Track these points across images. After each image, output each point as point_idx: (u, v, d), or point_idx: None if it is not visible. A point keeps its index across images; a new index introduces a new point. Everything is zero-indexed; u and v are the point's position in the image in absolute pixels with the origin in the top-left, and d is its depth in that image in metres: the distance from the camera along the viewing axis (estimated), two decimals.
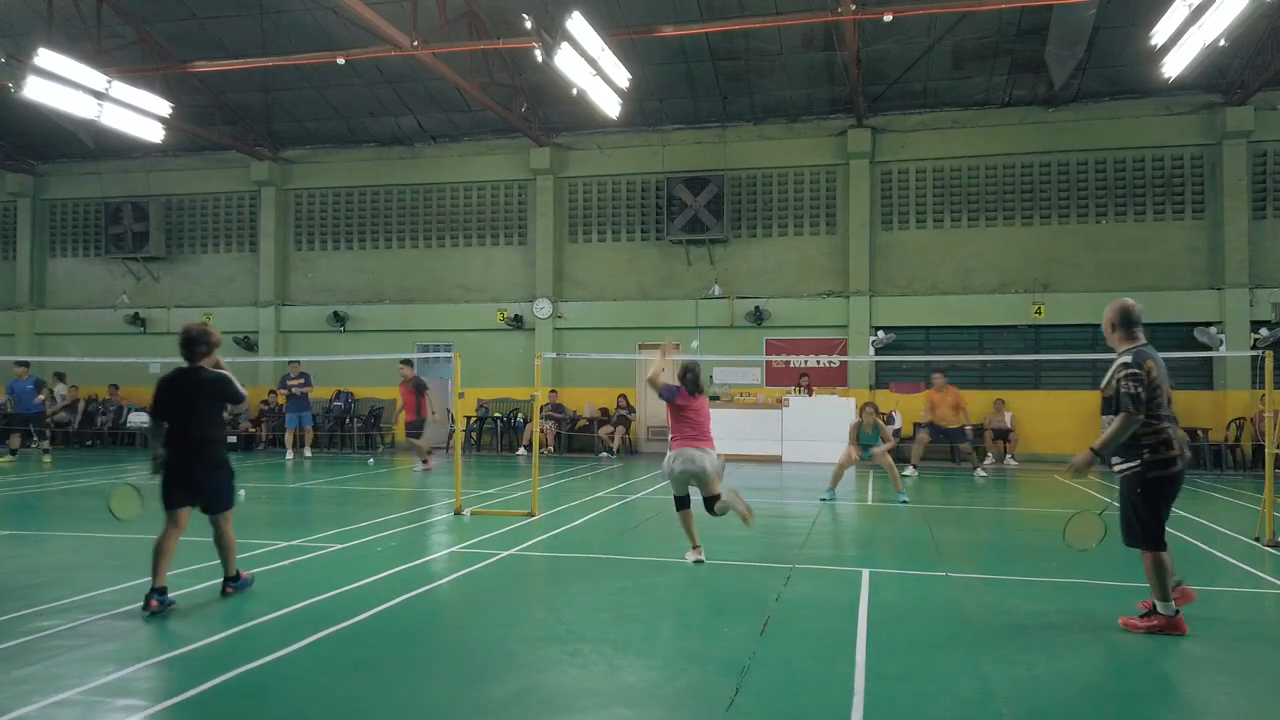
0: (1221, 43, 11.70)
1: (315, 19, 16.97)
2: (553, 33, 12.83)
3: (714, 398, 18.68)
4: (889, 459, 12.23)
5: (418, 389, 15.39)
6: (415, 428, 15.54)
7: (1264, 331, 16.40)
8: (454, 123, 20.37)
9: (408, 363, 16.10)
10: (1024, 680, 4.46)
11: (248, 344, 21.42)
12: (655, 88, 18.36)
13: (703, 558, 7.30)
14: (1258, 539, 8.50)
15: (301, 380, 17.87)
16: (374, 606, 5.75)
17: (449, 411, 18.00)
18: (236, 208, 22.26)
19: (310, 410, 18.26)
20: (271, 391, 20.41)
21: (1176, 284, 17.38)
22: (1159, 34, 12.51)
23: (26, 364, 17.24)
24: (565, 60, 13.08)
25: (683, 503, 7.47)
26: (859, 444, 12.44)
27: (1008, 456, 17.14)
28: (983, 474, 14.85)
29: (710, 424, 7.46)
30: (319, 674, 4.49)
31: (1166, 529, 5.27)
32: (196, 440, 5.89)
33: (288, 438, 18.06)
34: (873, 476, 14.56)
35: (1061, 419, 17.56)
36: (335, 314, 20.92)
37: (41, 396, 16.82)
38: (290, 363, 18.31)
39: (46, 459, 16.55)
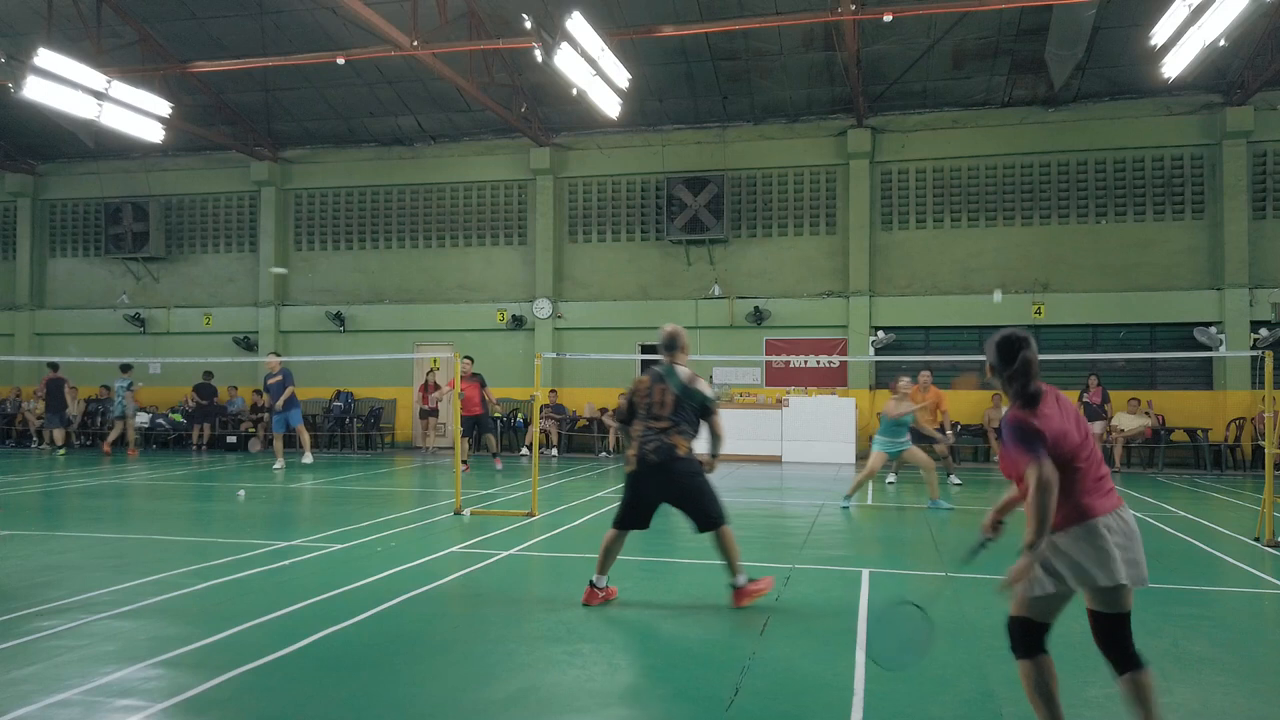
0: (1221, 43, 11.70)
1: (315, 19, 16.97)
2: (553, 33, 12.83)
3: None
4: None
5: (483, 383, 15.26)
6: (484, 423, 15.35)
7: (1264, 331, 16.40)
8: (454, 123, 20.37)
9: (469, 358, 15.54)
10: None
11: (247, 344, 21.42)
12: (655, 88, 18.36)
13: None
14: (1258, 539, 8.49)
15: (280, 377, 15.46)
16: (374, 606, 5.75)
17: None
18: (236, 208, 22.25)
19: (298, 409, 15.74)
20: (257, 392, 20.28)
21: (1176, 284, 17.37)
22: (1159, 34, 12.51)
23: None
24: (565, 60, 13.07)
25: None
26: None
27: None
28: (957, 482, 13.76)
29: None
30: (319, 674, 4.49)
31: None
32: None
33: (276, 444, 15.77)
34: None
35: None
36: (336, 314, 20.92)
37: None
38: (270, 355, 16.19)
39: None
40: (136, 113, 16.05)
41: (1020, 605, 3.44)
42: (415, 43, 14.77)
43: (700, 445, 5.94)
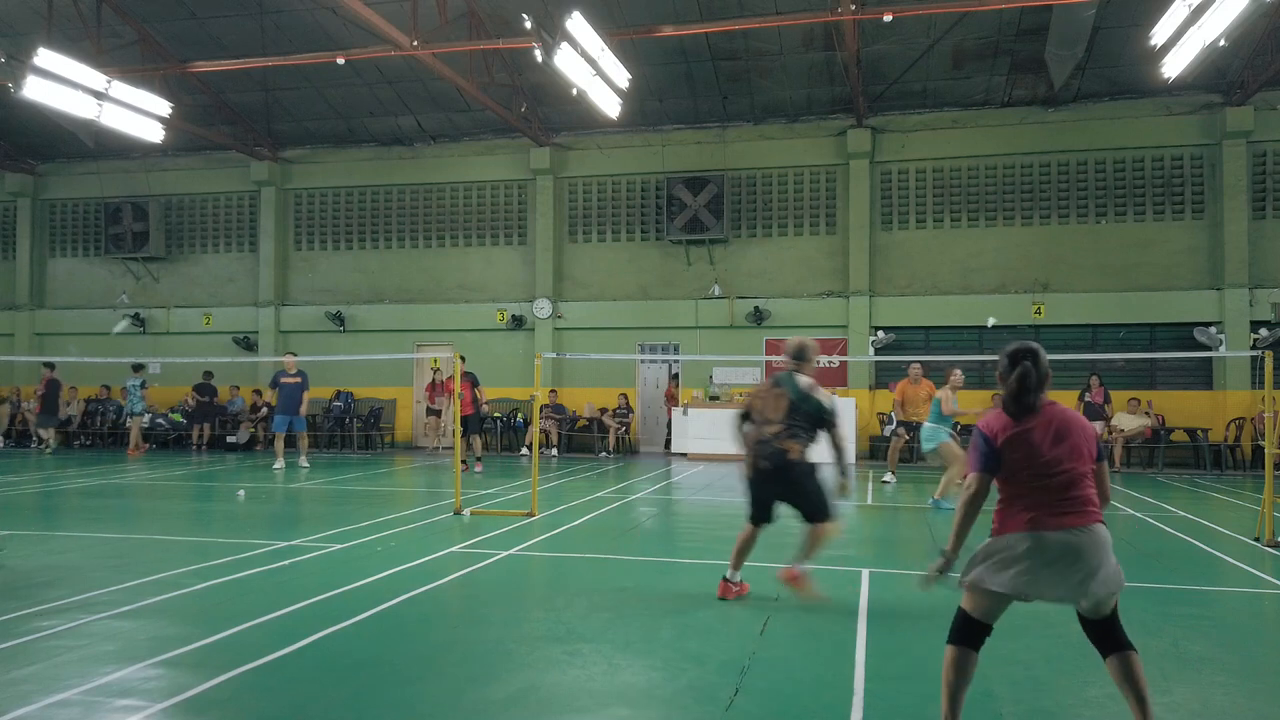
0: (1221, 43, 11.70)
1: (315, 19, 16.97)
2: (552, 33, 12.83)
3: (714, 398, 18.69)
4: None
5: (475, 382, 14.81)
6: (475, 423, 14.97)
7: (1264, 331, 16.41)
8: (454, 123, 20.37)
9: (461, 356, 15.15)
10: (1024, 680, 4.47)
11: (247, 344, 21.42)
12: (655, 88, 18.36)
13: None
14: (1258, 539, 8.49)
15: (299, 379, 15.26)
16: (374, 606, 5.75)
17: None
18: (236, 208, 22.26)
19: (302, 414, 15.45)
20: (256, 391, 20.38)
21: (1176, 284, 17.38)
22: (1159, 34, 12.51)
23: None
24: (565, 60, 13.08)
25: None
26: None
27: None
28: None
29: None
30: (319, 674, 4.49)
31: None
32: None
33: (277, 443, 15.43)
34: (872, 476, 14.55)
35: None
36: (336, 314, 20.92)
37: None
38: (287, 355, 15.80)
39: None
40: (136, 113, 16.05)
41: (968, 601, 3.63)
42: (415, 43, 14.77)
43: (818, 454, 6.05)
